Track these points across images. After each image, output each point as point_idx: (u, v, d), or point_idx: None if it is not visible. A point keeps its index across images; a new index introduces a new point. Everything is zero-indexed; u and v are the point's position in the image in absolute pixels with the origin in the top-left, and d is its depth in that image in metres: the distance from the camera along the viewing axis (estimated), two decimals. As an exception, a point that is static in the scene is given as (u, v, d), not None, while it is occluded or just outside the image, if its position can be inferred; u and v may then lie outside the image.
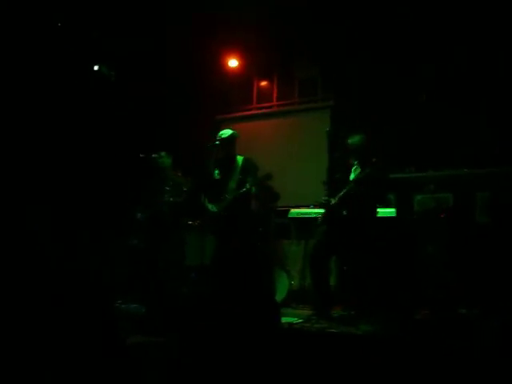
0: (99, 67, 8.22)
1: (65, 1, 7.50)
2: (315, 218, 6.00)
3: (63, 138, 7.85)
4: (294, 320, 5.56)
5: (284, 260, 7.27)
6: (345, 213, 5.49)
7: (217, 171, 6.24)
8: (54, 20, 7.62)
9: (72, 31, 7.82)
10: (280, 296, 6.76)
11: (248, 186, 5.89)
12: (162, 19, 8.10)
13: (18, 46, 7.35)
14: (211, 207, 6.15)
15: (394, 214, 6.26)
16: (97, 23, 8.00)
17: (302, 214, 7.06)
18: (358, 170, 5.58)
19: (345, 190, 5.47)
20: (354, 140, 5.67)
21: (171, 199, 6.71)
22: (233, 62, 8.85)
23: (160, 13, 8.00)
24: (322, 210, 5.78)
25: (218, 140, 6.20)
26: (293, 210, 7.17)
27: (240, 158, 6.19)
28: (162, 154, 6.94)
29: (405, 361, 3.82)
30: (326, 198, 5.64)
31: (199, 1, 7.75)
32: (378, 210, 5.93)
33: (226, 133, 6.24)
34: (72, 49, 7.96)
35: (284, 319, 5.34)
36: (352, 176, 5.60)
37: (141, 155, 6.97)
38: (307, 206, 7.02)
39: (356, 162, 5.65)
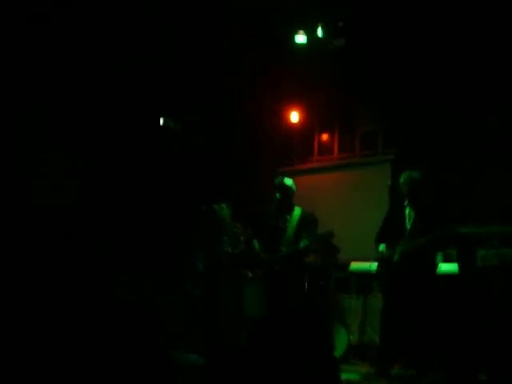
0: (165, 120, 8.53)
1: (137, 58, 7.90)
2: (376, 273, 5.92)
3: (130, 187, 8.15)
4: (353, 377, 5.46)
5: (343, 314, 7.17)
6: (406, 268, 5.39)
7: (273, 219, 6.23)
8: (124, 75, 8.01)
9: (141, 86, 8.19)
10: (339, 351, 6.64)
11: (303, 243, 5.84)
12: (228, 74, 8.38)
13: (89, 100, 7.76)
14: (265, 257, 6.13)
15: (455, 270, 6.10)
16: (165, 77, 8.35)
17: (362, 268, 6.97)
18: (412, 214, 5.48)
19: (408, 247, 5.36)
20: (403, 177, 5.60)
21: (229, 250, 6.77)
22: (295, 116, 9.00)
23: (226, 68, 8.29)
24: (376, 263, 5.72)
25: (278, 186, 6.22)
26: (353, 264, 7.10)
27: (298, 210, 6.18)
28: (223, 205, 7.03)
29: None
30: (386, 252, 5.55)
31: (263, 56, 7.99)
32: (440, 265, 5.84)
33: (287, 181, 6.28)
34: (140, 102, 8.32)
35: (343, 375, 5.25)
36: (407, 221, 5.48)
37: (202, 206, 7.10)
38: (368, 260, 6.94)
39: (407, 202, 5.57)
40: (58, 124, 7.47)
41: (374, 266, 5.88)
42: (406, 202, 5.59)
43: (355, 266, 7.09)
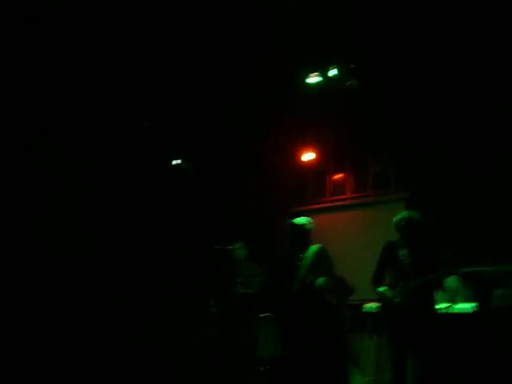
0: (177, 162, 8.64)
1: (151, 105, 8.07)
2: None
3: (144, 231, 8.23)
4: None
5: (358, 355, 7.08)
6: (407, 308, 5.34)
7: (289, 259, 6.24)
8: (141, 121, 8.19)
9: (156, 131, 8.35)
10: (354, 393, 6.56)
11: (312, 276, 5.87)
12: (239, 115, 8.48)
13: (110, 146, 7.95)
14: (280, 296, 6.14)
15: (470, 310, 6.03)
16: (178, 122, 8.50)
17: (376, 308, 6.89)
18: (408, 254, 5.42)
19: (408, 288, 5.32)
20: (400, 217, 5.56)
21: (242, 290, 6.75)
22: (307, 156, 9.05)
23: (238, 109, 8.39)
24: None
25: (290, 227, 6.26)
26: (367, 305, 7.03)
27: (314, 248, 6.19)
28: (237, 245, 7.04)
29: None
30: (388, 293, 5.51)
31: (275, 96, 8.09)
32: (457, 305, 5.80)
33: (300, 220, 6.30)
34: (155, 146, 8.46)
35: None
36: (404, 262, 5.41)
37: (216, 247, 7.11)
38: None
39: (402, 242, 5.53)
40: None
41: (367, 307, 5.87)
42: (400, 242, 5.55)
43: (369, 306, 7.00)
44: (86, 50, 7.01)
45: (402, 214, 5.56)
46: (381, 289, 5.55)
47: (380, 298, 5.58)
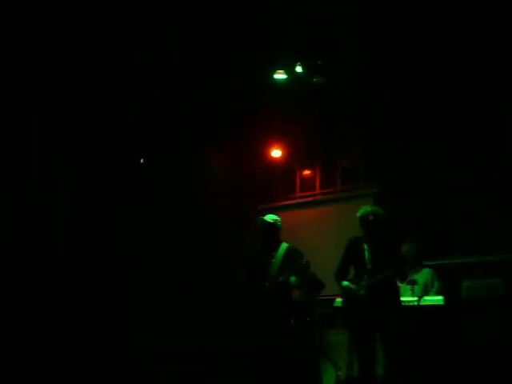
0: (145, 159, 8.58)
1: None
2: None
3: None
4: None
5: (330, 350, 7.09)
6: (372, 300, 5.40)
7: (260, 257, 6.20)
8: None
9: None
10: (327, 388, 6.56)
11: (286, 275, 5.85)
12: (208, 111, 8.43)
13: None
14: (250, 292, 6.11)
15: (441, 302, 6.08)
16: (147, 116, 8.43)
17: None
18: (367, 247, 5.51)
19: (373, 281, 5.39)
20: (358, 213, 5.65)
21: None
22: (276, 152, 9.05)
23: (206, 105, 8.35)
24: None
25: (261, 225, 6.21)
26: (338, 299, 7.05)
27: (284, 245, 6.16)
28: None
29: None
30: (352, 287, 5.56)
31: (243, 94, 8.07)
32: (426, 298, 5.87)
33: (270, 218, 6.27)
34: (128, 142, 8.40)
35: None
36: (366, 256, 5.51)
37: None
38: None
39: (363, 237, 5.61)
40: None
41: (338, 302, 5.94)
42: (364, 237, 5.64)
43: (340, 301, 7.02)
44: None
45: (365, 209, 5.64)
46: (345, 283, 5.63)
47: (344, 291, 5.63)
